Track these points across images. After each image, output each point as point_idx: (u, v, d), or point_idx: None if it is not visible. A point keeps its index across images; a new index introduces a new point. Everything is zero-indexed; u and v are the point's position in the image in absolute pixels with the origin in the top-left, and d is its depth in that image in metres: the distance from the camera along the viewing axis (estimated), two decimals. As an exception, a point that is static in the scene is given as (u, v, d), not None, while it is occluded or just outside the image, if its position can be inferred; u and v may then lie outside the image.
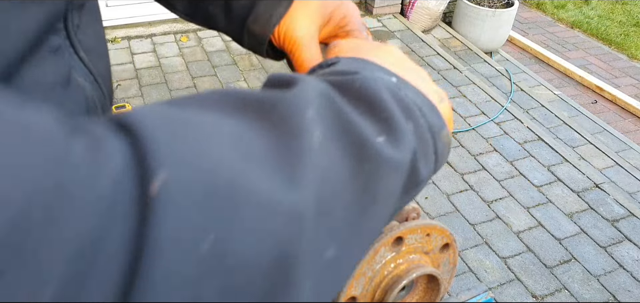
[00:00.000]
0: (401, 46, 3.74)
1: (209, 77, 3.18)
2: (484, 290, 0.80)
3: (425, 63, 3.57)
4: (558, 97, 3.72)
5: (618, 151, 3.19)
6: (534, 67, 4.20)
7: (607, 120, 3.61)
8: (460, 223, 2.39)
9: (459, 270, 2.17)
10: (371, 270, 0.58)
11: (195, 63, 3.29)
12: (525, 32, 4.77)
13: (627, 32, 4.92)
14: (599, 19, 5.14)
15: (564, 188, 2.67)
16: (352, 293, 0.59)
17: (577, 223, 2.47)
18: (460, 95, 3.30)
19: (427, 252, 0.63)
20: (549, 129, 3.22)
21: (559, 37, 4.80)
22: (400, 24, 4.01)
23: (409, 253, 0.61)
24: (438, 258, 0.64)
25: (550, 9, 5.29)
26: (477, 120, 3.08)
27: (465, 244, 2.29)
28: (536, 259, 2.26)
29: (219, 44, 3.50)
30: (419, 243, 0.61)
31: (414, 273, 0.59)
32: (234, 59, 3.36)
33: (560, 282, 2.18)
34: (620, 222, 2.50)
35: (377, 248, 0.57)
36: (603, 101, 3.87)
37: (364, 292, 0.60)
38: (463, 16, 4.08)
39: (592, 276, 2.22)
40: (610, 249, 2.35)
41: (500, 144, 2.92)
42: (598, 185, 2.70)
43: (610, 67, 4.38)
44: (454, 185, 2.60)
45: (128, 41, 3.42)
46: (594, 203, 2.59)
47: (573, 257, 2.30)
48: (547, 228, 2.42)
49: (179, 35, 3.55)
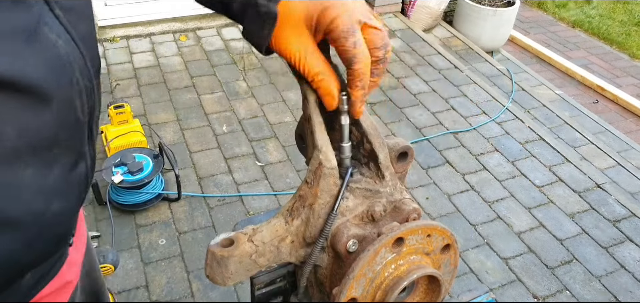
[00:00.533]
0: (402, 45, 3.72)
1: (207, 77, 3.16)
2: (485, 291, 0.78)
3: (426, 62, 3.56)
4: (559, 97, 3.70)
5: (619, 151, 3.17)
6: (535, 66, 4.18)
7: (609, 120, 3.59)
8: (461, 223, 2.38)
9: (460, 271, 2.15)
10: (372, 271, 0.57)
11: (194, 62, 3.28)
12: (526, 31, 4.76)
13: (629, 32, 4.90)
14: (601, 18, 5.12)
15: (566, 188, 2.65)
16: (353, 294, 0.57)
17: (579, 223, 2.45)
18: (461, 94, 3.28)
19: (428, 253, 0.61)
20: (550, 128, 3.21)
21: (560, 37, 4.78)
22: (401, 23, 3.99)
23: (409, 254, 0.59)
24: (439, 259, 0.63)
25: (552, 8, 5.27)
26: (478, 120, 3.06)
27: (466, 245, 2.27)
28: (537, 260, 2.25)
29: (218, 43, 3.48)
30: (420, 244, 0.59)
31: (415, 274, 0.58)
32: (233, 58, 3.35)
33: (561, 283, 2.16)
34: (621, 222, 2.48)
35: (377, 249, 0.55)
36: (604, 101, 3.85)
37: (364, 293, 0.58)
38: (464, 15, 4.07)
39: (594, 277, 2.20)
40: (611, 250, 2.33)
41: (501, 143, 2.90)
42: (599, 185, 2.69)
43: (612, 66, 4.37)
44: (455, 186, 2.58)
45: (127, 40, 3.41)
46: (596, 204, 2.57)
47: (574, 257, 2.28)
48: (549, 228, 2.40)
49: (177, 34, 3.53)
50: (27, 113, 0.42)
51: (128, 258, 2.04)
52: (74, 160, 0.50)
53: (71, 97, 0.46)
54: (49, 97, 0.43)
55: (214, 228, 2.20)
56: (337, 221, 0.58)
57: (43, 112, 0.43)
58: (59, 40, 0.43)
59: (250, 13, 0.50)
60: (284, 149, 2.67)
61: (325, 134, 0.57)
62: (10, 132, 0.41)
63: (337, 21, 0.49)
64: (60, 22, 0.43)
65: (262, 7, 0.49)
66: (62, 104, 0.45)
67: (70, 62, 0.45)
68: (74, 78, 0.46)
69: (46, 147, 0.45)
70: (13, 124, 0.41)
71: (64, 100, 0.45)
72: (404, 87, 3.28)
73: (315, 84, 0.54)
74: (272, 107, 2.97)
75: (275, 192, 2.42)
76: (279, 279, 0.74)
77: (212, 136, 2.71)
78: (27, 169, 0.43)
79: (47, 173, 0.46)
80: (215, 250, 0.56)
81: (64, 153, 0.48)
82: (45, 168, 0.46)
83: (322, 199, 0.56)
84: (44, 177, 0.46)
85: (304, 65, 0.52)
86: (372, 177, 0.61)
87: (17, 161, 0.42)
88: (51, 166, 0.46)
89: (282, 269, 0.74)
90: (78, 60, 0.46)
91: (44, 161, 0.45)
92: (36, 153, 0.44)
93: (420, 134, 2.90)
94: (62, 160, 0.48)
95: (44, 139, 0.44)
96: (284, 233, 0.58)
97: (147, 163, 2.19)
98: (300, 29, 0.50)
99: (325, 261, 0.60)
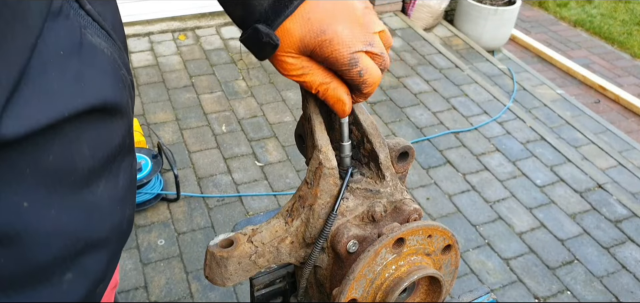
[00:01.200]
0: (402, 44, 3.72)
1: (206, 76, 3.16)
2: (486, 291, 0.78)
3: (426, 61, 3.55)
4: (561, 97, 3.69)
5: (621, 151, 3.17)
6: (537, 66, 4.18)
7: (610, 119, 3.58)
8: (462, 224, 2.37)
9: (461, 271, 2.15)
10: (372, 272, 0.56)
11: (193, 61, 3.27)
12: (527, 30, 4.75)
13: (630, 31, 4.90)
14: (602, 17, 5.11)
15: (567, 188, 2.64)
16: (353, 295, 0.57)
17: (580, 224, 2.45)
18: (462, 94, 3.27)
19: (429, 254, 0.60)
20: (551, 128, 3.20)
21: (561, 36, 4.77)
22: (402, 22, 3.99)
23: (410, 255, 0.59)
24: (440, 259, 0.62)
25: (553, 7, 5.26)
26: (480, 120, 3.06)
27: (467, 245, 2.27)
28: (539, 260, 2.24)
29: (218, 43, 3.48)
30: (421, 244, 0.59)
31: (416, 275, 0.57)
32: (232, 58, 3.34)
33: (562, 283, 2.15)
34: (623, 222, 2.48)
35: (378, 249, 0.55)
36: (606, 100, 3.85)
37: (364, 294, 0.58)
38: (465, 14, 4.06)
39: (595, 277, 2.19)
40: (613, 250, 2.32)
41: (502, 143, 2.90)
42: (601, 185, 2.68)
43: (613, 66, 4.36)
44: (455, 186, 2.57)
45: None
46: (597, 204, 2.56)
47: (576, 258, 2.28)
48: (550, 229, 2.40)
49: (176, 33, 3.53)
50: (99, 129, 0.40)
51: (127, 259, 2.04)
52: (131, 161, 0.49)
53: (126, 97, 0.44)
54: (113, 104, 0.41)
55: (213, 229, 2.20)
56: (337, 222, 0.57)
57: (111, 123, 0.41)
58: (101, 41, 0.40)
59: (251, 34, 0.48)
60: (284, 149, 2.67)
61: (325, 134, 0.56)
62: (86, 153, 0.39)
63: (336, 55, 0.48)
64: (93, 19, 0.40)
65: (263, 36, 0.47)
66: (123, 106, 0.43)
67: (115, 59, 0.42)
68: (122, 75, 0.43)
69: (114, 157, 0.43)
70: (88, 143, 0.39)
71: (123, 102, 0.43)
72: (405, 87, 3.27)
73: (322, 95, 0.52)
74: (272, 106, 2.96)
75: (274, 192, 2.41)
76: (278, 280, 0.74)
77: (211, 136, 2.71)
78: (100, 185, 0.42)
79: (116, 183, 0.45)
80: (215, 250, 0.56)
81: (126, 158, 0.47)
82: (114, 177, 0.44)
83: (322, 199, 0.56)
84: (115, 188, 0.44)
85: (304, 81, 0.51)
86: (372, 177, 0.60)
87: (94, 180, 0.41)
88: (118, 174, 0.45)
89: (281, 270, 0.73)
90: (118, 53, 0.43)
91: (112, 172, 0.44)
92: (106, 166, 0.42)
93: (420, 133, 2.89)
94: (124, 164, 0.46)
95: (113, 148, 0.43)
96: (283, 233, 0.57)
97: (145, 164, 2.18)
98: (296, 53, 0.49)
99: (325, 262, 0.60)
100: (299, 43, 0.47)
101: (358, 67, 0.49)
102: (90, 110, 0.38)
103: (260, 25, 0.46)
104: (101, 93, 0.38)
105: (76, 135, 0.38)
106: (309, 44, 0.48)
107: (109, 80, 0.40)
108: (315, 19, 0.47)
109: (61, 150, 0.37)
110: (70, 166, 0.38)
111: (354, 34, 0.48)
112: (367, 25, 0.49)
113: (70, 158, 0.38)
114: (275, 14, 0.47)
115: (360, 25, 0.49)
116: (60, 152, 0.37)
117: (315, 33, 0.47)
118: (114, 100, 0.40)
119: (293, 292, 0.74)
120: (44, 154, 0.36)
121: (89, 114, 0.38)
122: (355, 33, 0.48)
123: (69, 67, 0.36)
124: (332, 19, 0.47)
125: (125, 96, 0.43)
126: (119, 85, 0.42)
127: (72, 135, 0.37)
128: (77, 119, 0.37)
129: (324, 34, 0.47)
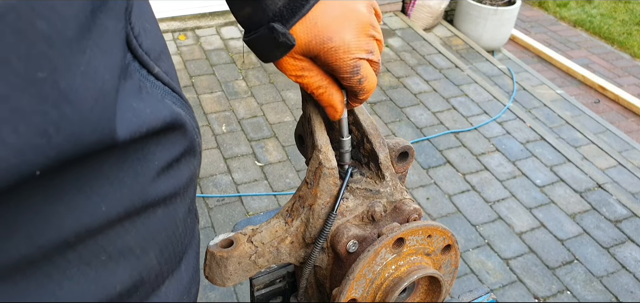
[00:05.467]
0: (402, 44, 3.72)
1: (207, 76, 3.16)
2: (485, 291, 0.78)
3: (426, 61, 3.55)
4: (560, 97, 3.69)
5: (621, 151, 3.17)
6: (537, 66, 4.18)
7: (610, 119, 3.58)
8: (462, 224, 2.37)
9: (461, 271, 2.15)
10: (372, 271, 0.56)
11: (193, 61, 3.27)
12: (527, 30, 4.75)
13: (630, 31, 4.90)
14: (602, 17, 5.11)
15: (567, 188, 2.64)
16: (353, 295, 0.57)
17: (580, 224, 2.45)
18: (462, 94, 3.27)
19: (429, 254, 0.61)
20: (551, 128, 3.20)
21: (561, 36, 4.77)
22: (401, 22, 3.99)
23: (410, 255, 0.59)
24: (439, 259, 0.62)
25: (553, 7, 5.26)
26: (479, 120, 3.06)
27: (467, 245, 2.27)
28: (538, 260, 2.24)
29: (218, 43, 3.48)
30: (421, 244, 0.59)
31: (415, 275, 0.57)
32: (232, 58, 3.34)
33: (562, 283, 2.15)
34: (623, 222, 2.48)
35: (377, 249, 0.55)
36: (606, 100, 3.85)
37: (364, 294, 0.58)
38: (465, 14, 4.06)
39: (595, 277, 2.19)
40: (613, 250, 2.33)
41: (502, 143, 2.90)
42: (601, 185, 2.68)
43: (613, 66, 4.36)
44: (455, 186, 2.57)
45: (127, 39, 3.40)
46: (597, 204, 2.56)
47: (575, 258, 2.28)
48: (550, 229, 2.40)
49: (176, 33, 3.53)
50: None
51: (128, 258, 2.03)
52: (195, 249, 0.48)
53: (198, 168, 0.44)
54: (179, 117, 0.38)
55: (213, 229, 2.20)
56: (337, 221, 0.57)
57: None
58: (178, 108, 0.38)
59: (264, 33, 0.46)
60: (284, 149, 2.67)
61: (325, 134, 0.57)
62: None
63: (339, 64, 0.48)
64: (163, 83, 0.38)
65: (279, 36, 0.45)
66: (195, 177, 0.42)
67: (194, 131, 0.41)
68: (198, 143, 0.42)
69: (183, 249, 0.43)
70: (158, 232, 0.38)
71: (196, 174, 0.43)
72: (405, 87, 3.27)
73: (317, 97, 0.53)
74: (272, 106, 2.96)
75: (274, 192, 2.41)
76: (278, 280, 0.74)
77: (211, 136, 2.71)
78: (176, 199, 0.40)
79: (181, 277, 0.43)
80: (215, 250, 0.56)
81: (191, 243, 0.46)
82: (178, 270, 0.43)
83: (322, 199, 0.56)
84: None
85: (303, 81, 0.51)
86: (372, 177, 0.60)
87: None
88: (180, 266, 0.44)
89: (281, 270, 0.74)
90: (191, 121, 0.42)
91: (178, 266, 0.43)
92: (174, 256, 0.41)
93: (420, 133, 2.89)
94: (190, 252, 0.45)
95: (179, 234, 0.41)
96: (283, 233, 0.57)
97: (146, 163, 2.18)
98: (299, 55, 0.49)
99: (325, 262, 0.60)
100: (304, 47, 0.47)
101: (359, 75, 0.49)
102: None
103: (277, 25, 0.45)
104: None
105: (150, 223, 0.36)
106: (314, 49, 0.47)
107: (195, 162, 0.40)
108: (323, 25, 0.46)
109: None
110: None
111: (359, 42, 0.48)
112: (371, 32, 0.50)
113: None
114: (291, 13, 0.45)
115: (366, 34, 0.49)
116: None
117: (322, 40, 0.47)
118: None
119: (293, 291, 0.74)
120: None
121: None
122: (360, 42, 0.48)
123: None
124: (339, 26, 0.47)
125: (197, 168, 0.42)
126: (195, 162, 0.41)
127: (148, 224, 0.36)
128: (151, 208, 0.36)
129: (331, 41, 0.47)
